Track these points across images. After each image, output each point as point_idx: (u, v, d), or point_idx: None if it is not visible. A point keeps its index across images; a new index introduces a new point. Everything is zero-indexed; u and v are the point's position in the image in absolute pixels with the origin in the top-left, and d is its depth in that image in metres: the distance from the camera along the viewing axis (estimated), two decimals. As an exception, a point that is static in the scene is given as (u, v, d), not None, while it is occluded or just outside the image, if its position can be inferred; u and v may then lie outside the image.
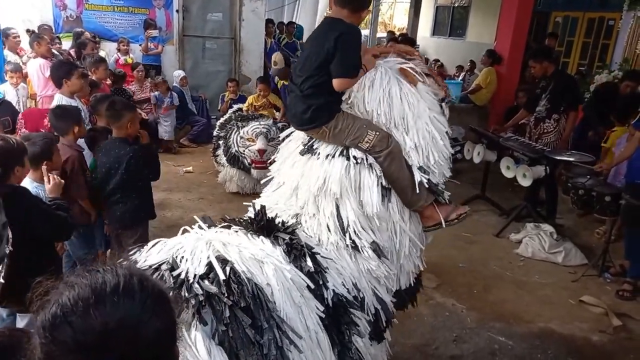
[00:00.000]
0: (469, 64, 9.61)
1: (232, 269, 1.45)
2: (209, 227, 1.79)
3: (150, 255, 1.54)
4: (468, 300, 3.65)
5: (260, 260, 1.54)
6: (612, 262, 4.11)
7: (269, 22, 8.98)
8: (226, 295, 1.38)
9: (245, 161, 5.19)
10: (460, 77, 9.42)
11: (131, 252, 1.58)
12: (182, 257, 1.48)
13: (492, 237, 4.71)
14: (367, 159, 2.01)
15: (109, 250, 3.40)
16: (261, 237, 1.73)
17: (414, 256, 2.19)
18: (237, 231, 1.75)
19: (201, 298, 1.35)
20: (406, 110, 2.01)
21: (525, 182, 4.58)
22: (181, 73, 7.34)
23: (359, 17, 2.08)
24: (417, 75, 2.08)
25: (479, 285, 3.84)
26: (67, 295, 0.78)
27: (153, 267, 1.45)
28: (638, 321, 3.50)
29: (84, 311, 0.76)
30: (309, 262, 1.70)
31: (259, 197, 2.29)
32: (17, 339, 0.96)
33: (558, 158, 4.49)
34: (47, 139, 2.70)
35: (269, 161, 5.01)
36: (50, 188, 2.51)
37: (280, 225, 1.84)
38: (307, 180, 2.00)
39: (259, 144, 5.07)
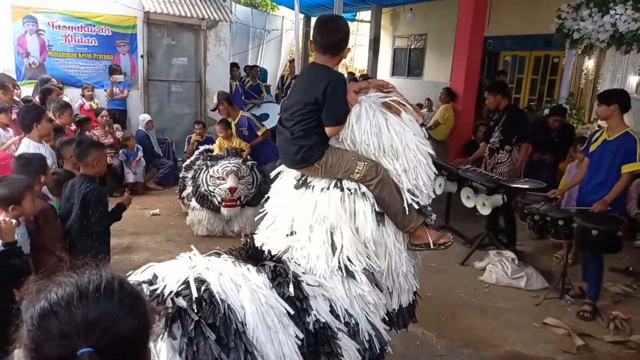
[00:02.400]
0: (426, 101, 10.04)
1: (208, 289, 1.52)
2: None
3: (137, 275, 1.61)
4: (437, 328, 3.72)
5: (238, 284, 1.61)
6: (572, 285, 4.28)
7: (234, 65, 9.19)
8: (195, 311, 1.43)
9: (215, 200, 5.17)
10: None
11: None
12: (164, 276, 1.55)
13: (457, 266, 4.85)
14: (359, 189, 2.14)
15: None
16: (248, 265, 1.80)
17: (410, 275, 2.31)
18: (226, 260, 1.82)
19: (170, 311, 1.41)
20: (394, 138, 2.15)
21: (485, 211, 4.77)
22: (147, 117, 7.39)
23: (340, 58, 2.23)
24: (399, 106, 2.24)
25: (446, 313, 3.92)
26: (55, 291, 0.89)
27: (136, 282, 1.50)
28: (599, 340, 3.64)
29: (68, 304, 0.87)
30: (291, 289, 1.74)
31: (228, 238, 2.36)
32: None
33: (513, 186, 4.72)
34: (21, 183, 2.61)
35: (239, 199, 5.06)
36: (1, 233, 2.39)
37: (267, 254, 1.92)
38: (302, 212, 2.11)
39: (230, 182, 5.08)
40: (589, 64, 7.54)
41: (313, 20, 14.42)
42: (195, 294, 1.47)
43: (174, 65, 8.26)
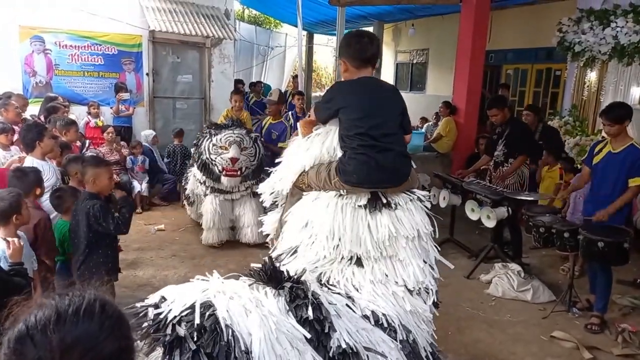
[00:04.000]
0: (434, 116, 10.09)
1: (213, 314, 1.46)
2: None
3: (152, 297, 1.57)
4: (443, 342, 3.66)
5: (248, 309, 1.52)
6: (579, 297, 4.24)
7: (238, 82, 9.28)
8: (195, 338, 1.39)
9: (216, 169, 5.12)
10: (423, 128, 9.85)
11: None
12: (172, 299, 1.50)
13: (462, 279, 4.82)
14: (424, 196, 2.25)
15: None
16: (266, 288, 1.69)
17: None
18: (244, 282, 1.73)
19: (168, 339, 1.37)
20: None
21: (490, 224, 4.76)
22: (152, 132, 7.45)
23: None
24: None
25: (452, 327, 3.89)
26: (34, 314, 0.88)
27: (142, 305, 1.49)
28: (608, 353, 3.59)
29: (44, 328, 0.85)
30: (310, 312, 1.63)
31: (235, 250, 2.33)
32: None
33: (518, 198, 4.71)
34: (13, 193, 2.67)
35: (240, 170, 5.06)
36: (11, 253, 2.45)
37: (286, 275, 1.79)
38: (397, 232, 2.05)
39: (232, 152, 5.02)
40: (591, 76, 7.57)
41: (316, 37, 14.61)
42: (197, 321, 1.42)
43: (179, 82, 8.36)
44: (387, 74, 13.70)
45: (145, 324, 1.42)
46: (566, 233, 3.94)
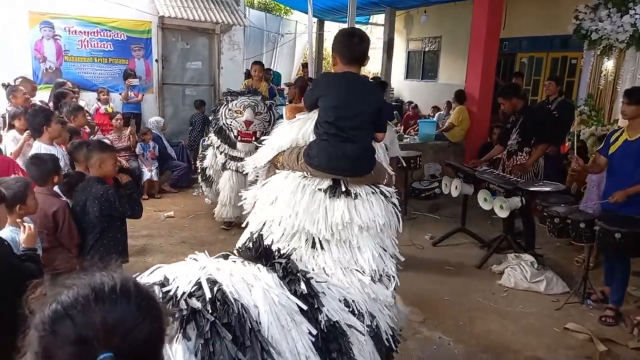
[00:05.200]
0: (445, 105, 9.96)
1: (220, 289, 1.48)
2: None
3: (145, 277, 1.59)
4: (454, 332, 3.63)
5: (250, 284, 1.58)
6: (593, 289, 4.16)
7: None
8: (210, 311, 1.40)
9: (232, 134, 5.30)
10: (435, 117, 9.73)
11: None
12: (174, 277, 1.52)
13: (474, 269, 4.75)
14: (391, 193, 2.36)
15: None
16: (258, 265, 1.76)
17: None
18: (235, 261, 1.78)
19: (185, 313, 1.38)
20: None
21: (503, 214, 4.68)
22: (159, 119, 7.43)
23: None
24: None
25: (464, 318, 3.84)
26: (66, 294, 0.84)
27: (146, 284, 1.47)
28: (623, 346, 3.52)
29: (84, 306, 0.82)
30: (303, 286, 1.73)
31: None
32: None
33: (532, 189, 4.61)
34: (20, 182, 2.64)
35: (254, 134, 5.17)
36: (25, 238, 2.43)
37: (276, 252, 1.90)
38: (338, 218, 2.15)
39: (246, 114, 5.18)
40: (608, 64, 7.39)
41: (326, 24, 14.45)
42: (208, 295, 1.44)
43: (188, 69, 8.30)
44: (399, 62, 13.54)
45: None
46: (582, 224, 3.85)
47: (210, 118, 5.97)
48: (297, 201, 2.20)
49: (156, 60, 7.89)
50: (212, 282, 1.50)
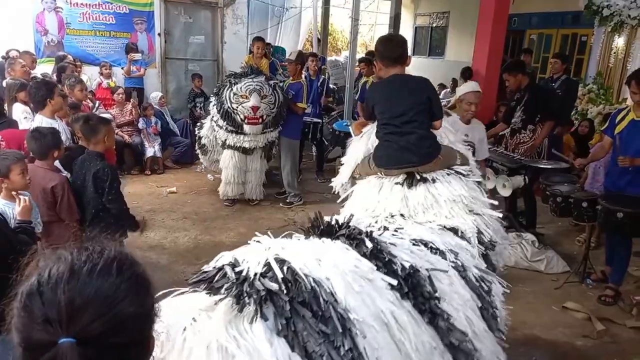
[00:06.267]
0: (450, 82, 9.81)
1: (290, 267, 1.48)
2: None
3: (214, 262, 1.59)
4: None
5: (318, 258, 1.58)
6: (594, 269, 4.16)
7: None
8: (285, 291, 1.41)
9: (238, 117, 5.25)
10: (441, 95, 9.61)
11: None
12: (243, 259, 1.52)
13: (475, 248, 4.75)
14: (467, 171, 2.50)
15: None
16: (322, 238, 1.78)
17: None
18: (299, 239, 1.78)
19: (262, 294, 1.38)
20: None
21: (505, 192, 4.63)
22: (158, 94, 7.38)
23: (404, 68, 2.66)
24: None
25: (463, 295, 3.85)
26: (49, 268, 0.80)
27: (217, 267, 1.50)
28: (620, 325, 3.54)
29: (55, 285, 0.77)
30: (369, 244, 1.73)
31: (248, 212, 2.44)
32: None
33: (537, 166, 4.57)
34: (6, 156, 2.60)
35: (261, 117, 5.18)
36: (20, 211, 2.44)
37: (336, 226, 1.88)
38: (422, 203, 2.31)
39: (253, 100, 5.12)
40: (619, 42, 7.24)
41: (332, -2, 14.16)
42: (280, 275, 1.43)
43: (191, 43, 8.21)
44: (406, 38, 13.31)
45: (228, 284, 1.41)
46: (584, 203, 3.82)
47: (211, 99, 5.89)
48: (381, 196, 2.39)
49: (159, 34, 7.80)
50: (281, 262, 1.50)
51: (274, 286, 1.40)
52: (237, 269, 1.46)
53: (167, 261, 4.24)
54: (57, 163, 3.38)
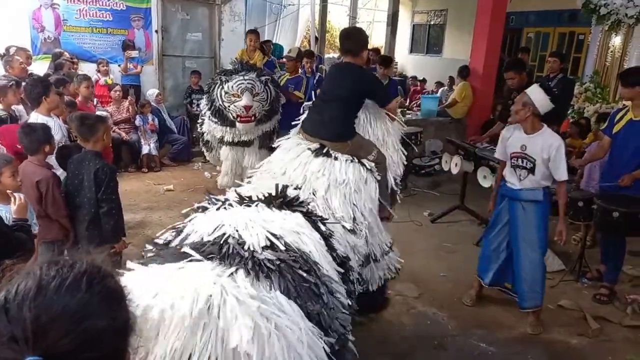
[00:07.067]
0: (448, 80, 9.81)
1: (285, 242, 1.76)
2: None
3: (200, 226, 1.83)
4: (449, 308, 3.67)
5: (297, 232, 1.90)
6: (589, 267, 4.19)
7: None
8: (292, 262, 1.67)
9: (230, 115, 5.19)
10: (438, 93, 9.61)
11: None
12: (239, 232, 1.74)
13: (472, 246, 4.77)
14: (372, 168, 2.90)
15: None
16: (284, 210, 2.08)
17: (379, 236, 3.05)
18: (264, 208, 2.06)
19: (277, 263, 1.62)
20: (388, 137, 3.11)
21: (486, 184, 4.67)
22: (155, 91, 7.35)
23: (361, 58, 3.02)
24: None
25: (459, 294, 3.87)
26: (17, 284, 0.79)
27: (220, 238, 1.70)
28: (615, 324, 3.57)
29: (21, 302, 0.76)
30: (323, 228, 2.13)
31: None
32: None
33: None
34: None
35: (253, 115, 5.18)
36: (16, 209, 2.44)
37: (296, 201, 2.20)
38: (320, 173, 2.72)
39: (245, 99, 5.04)
40: (616, 40, 7.25)
41: (330, -5, 14.10)
42: (282, 247, 1.71)
43: (189, 40, 8.18)
44: (403, 36, 13.28)
45: (240, 255, 1.60)
46: (580, 202, 3.84)
47: (204, 98, 5.86)
48: (288, 154, 2.87)
49: (156, 31, 7.77)
50: (274, 236, 1.76)
51: (285, 256, 1.66)
52: (244, 246, 1.66)
53: (164, 259, 4.24)
54: (53, 161, 3.38)
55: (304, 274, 1.65)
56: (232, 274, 1.49)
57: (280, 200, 2.14)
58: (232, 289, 1.39)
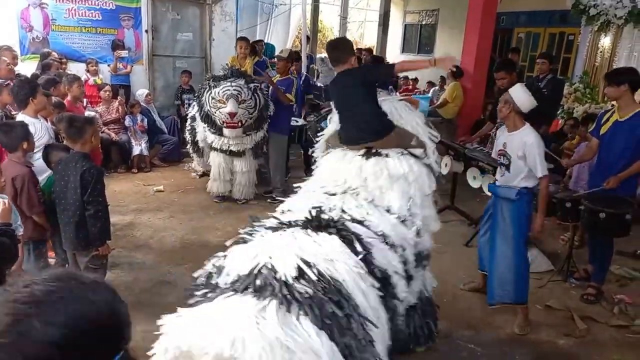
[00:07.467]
0: (439, 80, 9.84)
1: (318, 270, 1.75)
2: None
3: (240, 259, 1.83)
4: (439, 309, 3.67)
5: (331, 260, 1.87)
6: (577, 267, 4.21)
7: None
8: (322, 293, 1.66)
9: (217, 120, 5.23)
10: (430, 93, 9.63)
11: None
12: (273, 263, 1.75)
13: (461, 247, 4.79)
14: (420, 154, 2.89)
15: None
16: (320, 233, 2.07)
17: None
18: (299, 232, 2.05)
19: (307, 296, 1.62)
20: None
21: (475, 184, 4.69)
22: (145, 91, 7.32)
23: (349, 64, 3.04)
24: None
25: (448, 294, 3.88)
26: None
27: (255, 270, 1.72)
28: (602, 324, 3.58)
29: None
30: (359, 247, 2.08)
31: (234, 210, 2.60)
32: None
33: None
34: None
35: (239, 122, 5.17)
36: (0, 214, 2.40)
37: (331, 222, 2.20)
38: (382, 172, 2.71)
39: (229, 107, 5.04)
40: (605, 41, 7.30)
41: (322, -5, 14.09)
42: (314, 277, 1.71)
43: (179, 40, 8.15)
44: (395, 36, 13.31)
45: (272, 286, 1.62)
46: (568, 203, 3.86)
47: (194, 102, 5.91)
48: (340, 163, 2.88)
49: (146, 31, 7.73)
50: (307, 264, 1.75)
51: (312, 290, 1.64)
52: (276, 275, 1.69)
53: (153, 261, 4.21)
54: (40, 162, 3.36)
55: (334, 306, 1.65)
56: (264, 307, 1.54)
57: (316, 224, 2.13)
58: (258, 330, 1.45)
